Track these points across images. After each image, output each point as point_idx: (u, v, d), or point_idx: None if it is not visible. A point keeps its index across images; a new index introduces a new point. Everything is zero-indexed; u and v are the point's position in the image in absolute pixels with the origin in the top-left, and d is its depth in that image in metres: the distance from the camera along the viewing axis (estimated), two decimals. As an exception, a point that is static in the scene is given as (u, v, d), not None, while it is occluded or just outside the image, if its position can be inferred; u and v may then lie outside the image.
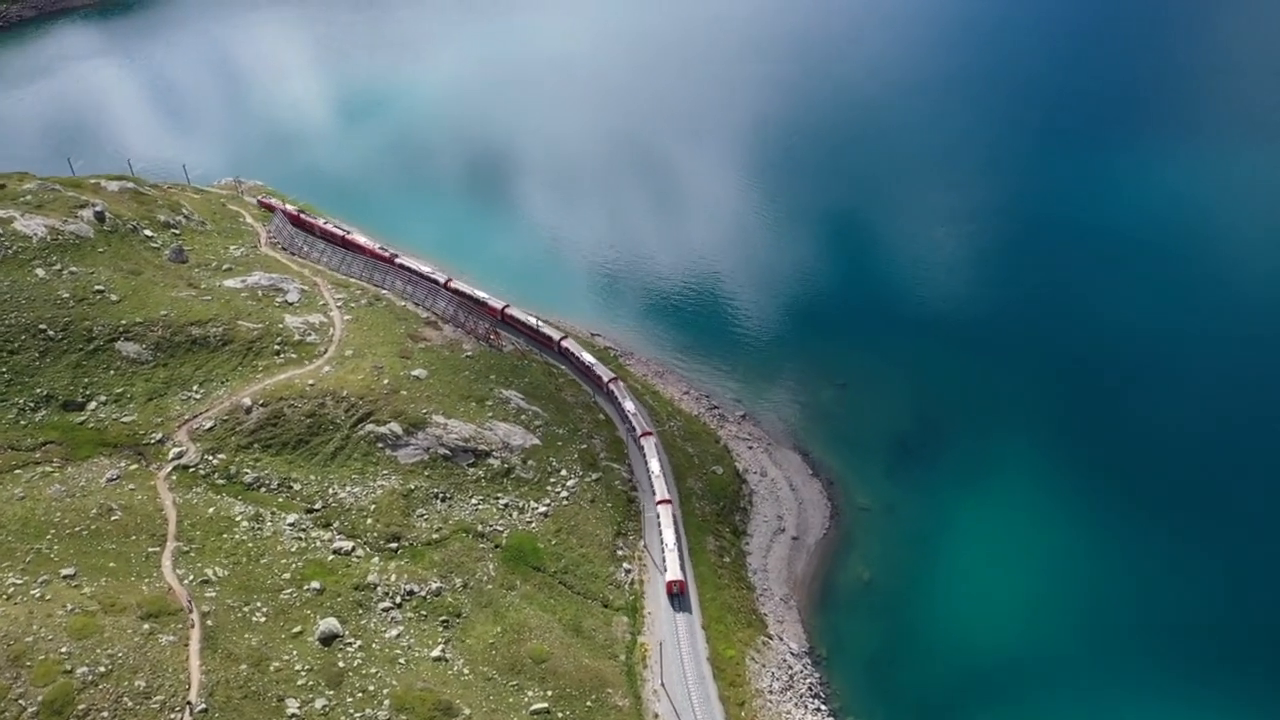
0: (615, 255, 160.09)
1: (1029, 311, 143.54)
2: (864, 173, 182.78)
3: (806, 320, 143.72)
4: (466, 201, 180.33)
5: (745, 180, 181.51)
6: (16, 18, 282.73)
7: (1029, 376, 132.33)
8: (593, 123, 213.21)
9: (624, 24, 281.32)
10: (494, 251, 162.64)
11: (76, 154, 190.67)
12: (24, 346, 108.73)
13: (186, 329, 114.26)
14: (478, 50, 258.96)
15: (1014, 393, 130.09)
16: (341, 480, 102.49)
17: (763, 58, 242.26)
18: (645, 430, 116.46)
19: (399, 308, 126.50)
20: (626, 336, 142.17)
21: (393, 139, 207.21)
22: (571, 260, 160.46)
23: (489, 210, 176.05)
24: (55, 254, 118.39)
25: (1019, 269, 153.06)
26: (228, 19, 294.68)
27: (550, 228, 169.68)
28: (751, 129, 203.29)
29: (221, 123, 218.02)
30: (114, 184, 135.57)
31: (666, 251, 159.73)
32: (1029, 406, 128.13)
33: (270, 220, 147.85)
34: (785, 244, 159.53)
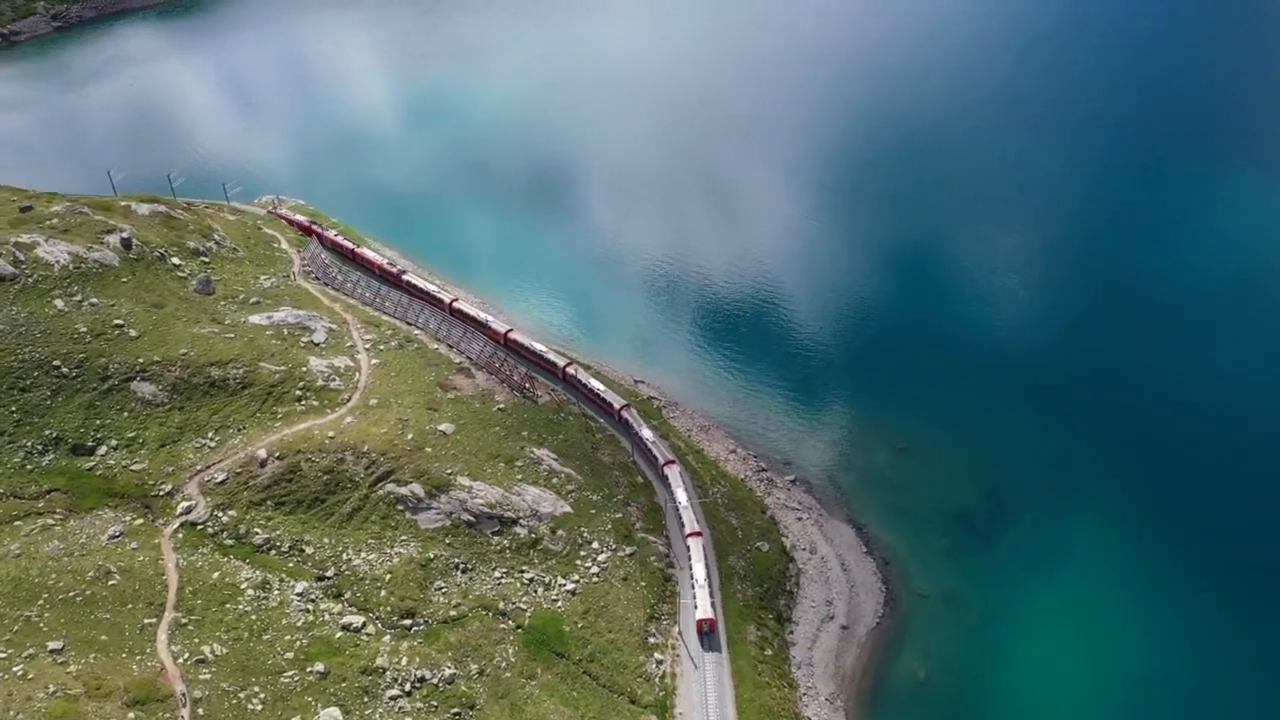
0: (666, 292, 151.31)
1: (1110, 372, 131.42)
2: (931, 206, 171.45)
3: (865, 373, 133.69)
4: (515, 225, 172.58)
5: (803, 212, 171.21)
6: (76, 18, 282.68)
7: (1109, 446, 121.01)
8: (648, 140, 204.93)
9: (686, 35, 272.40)
10: (537, 282, 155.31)
11: (120, 165, 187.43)
12: (36, 384, 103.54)
13: (206, 370, 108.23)
14: (537, 60, 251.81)
15: (1091, 464, 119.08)
16: (357, 545, 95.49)
17: (827, 74, 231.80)
18: (668, 459, 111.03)
19: (431, 351, 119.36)
20: (672, 384, 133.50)
21: (442, 154, 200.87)
22: (621, 296, 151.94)
23: (538, 237, 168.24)
24: (76, 284, 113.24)
25: (1099, 322, 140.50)
26: (283, 22, 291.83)
27: (600, 259, 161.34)
28: (813, 153, 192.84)
29: (268, 134, 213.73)
30: (145, 207, 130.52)
31: (720, 291, 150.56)
32: (1108, 480, 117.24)
33: (305, 247, 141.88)
34: (844, 287, 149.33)
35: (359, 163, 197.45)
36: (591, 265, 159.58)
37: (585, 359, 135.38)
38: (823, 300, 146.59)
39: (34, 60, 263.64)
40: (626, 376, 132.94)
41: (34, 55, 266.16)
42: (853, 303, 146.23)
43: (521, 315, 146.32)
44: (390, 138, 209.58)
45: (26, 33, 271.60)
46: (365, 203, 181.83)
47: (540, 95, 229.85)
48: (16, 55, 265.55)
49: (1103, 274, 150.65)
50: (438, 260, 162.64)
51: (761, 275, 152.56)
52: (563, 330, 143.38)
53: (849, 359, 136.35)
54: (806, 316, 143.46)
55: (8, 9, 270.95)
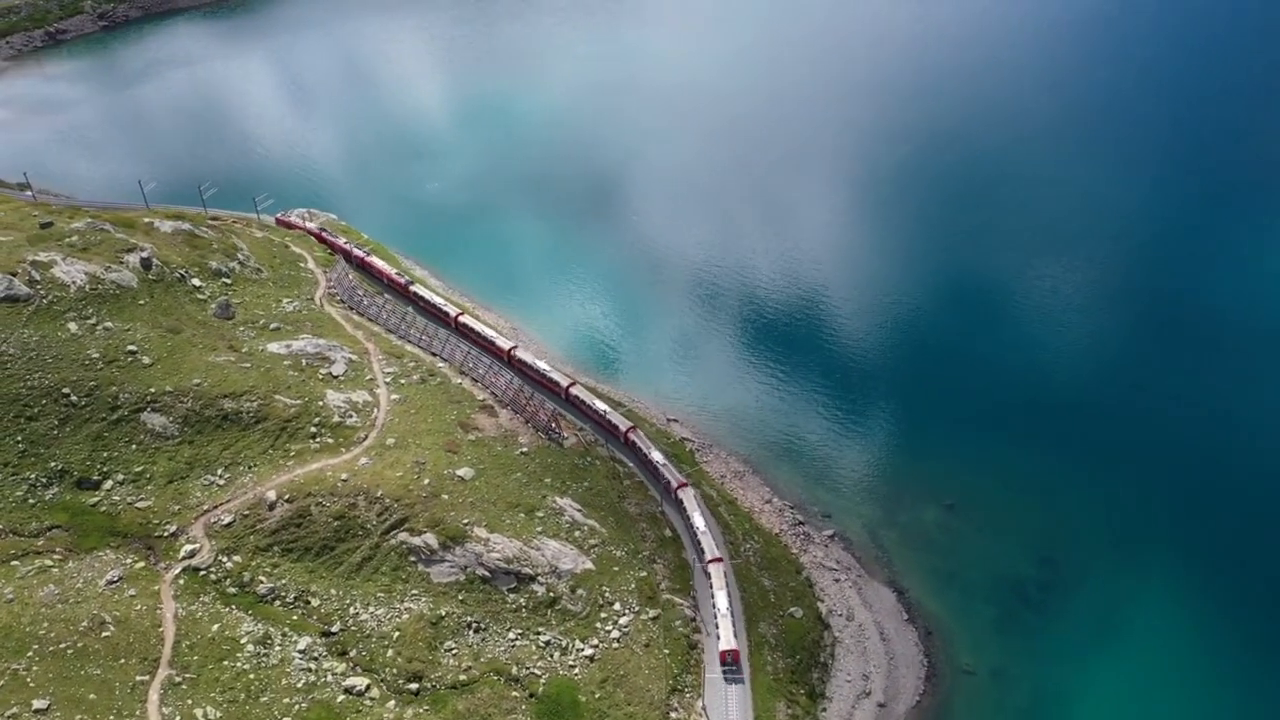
0: (704, 325, 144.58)
1: (1182, 427, 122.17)
2: (989, 237, 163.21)
3: (913, 419, 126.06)
4: (553, 245, 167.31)
5: (854, 241, 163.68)
6: (123, 17, 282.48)
7: (1179, 510, 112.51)
8: (694, 156, 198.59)
9: (737, 43, 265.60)
10: (571, 310, 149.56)
11: (155, 171, 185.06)
12: (44, 412, 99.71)
13: (218, 402, 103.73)
14: (584, 69, 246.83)
15: (1159, 530, 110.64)
16: (365, 598, 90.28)
17: (884, 86, 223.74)
18: (680, 482, 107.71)
19: (454, 386, 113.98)
20: (707, 425, 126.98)
21: (482, 167, 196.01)
22: (658, 328, 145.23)
23: (575, 259, 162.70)
24: (92, 306, 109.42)
25: (1171, 372, 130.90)
26: (328, 26, 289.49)
27: (638, 286, 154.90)
28: (866, 175, 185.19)
29: (304, 143, 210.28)
30: (169, 224, 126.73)
31: (761, 325, 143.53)
32: (1177, 548, 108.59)
33: (332, 267, 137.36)
34: (893, 325, 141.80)
35: (396, 175, 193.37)
36: (629, 293, 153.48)
37: (618, 394, 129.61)
38: (869, 338, 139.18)
39: (79, 59, 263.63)
40: (659, 415, 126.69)
41: (79, 54, 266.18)
42: (902, 342, 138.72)
43: (552, 344, 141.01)
44: (430, 149, 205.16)
45: (73, 31, 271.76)
46: (400, 218, 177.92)
47: (585, 105, 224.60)
48: (63, 54, 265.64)
49: (1177, 319, 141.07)
50: (469, 280, 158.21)
51: (805, 310, 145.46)
52: (595, 363, 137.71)
53: (895, 402, 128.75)
54: (851, 355, 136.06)
55: (55, 7, 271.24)
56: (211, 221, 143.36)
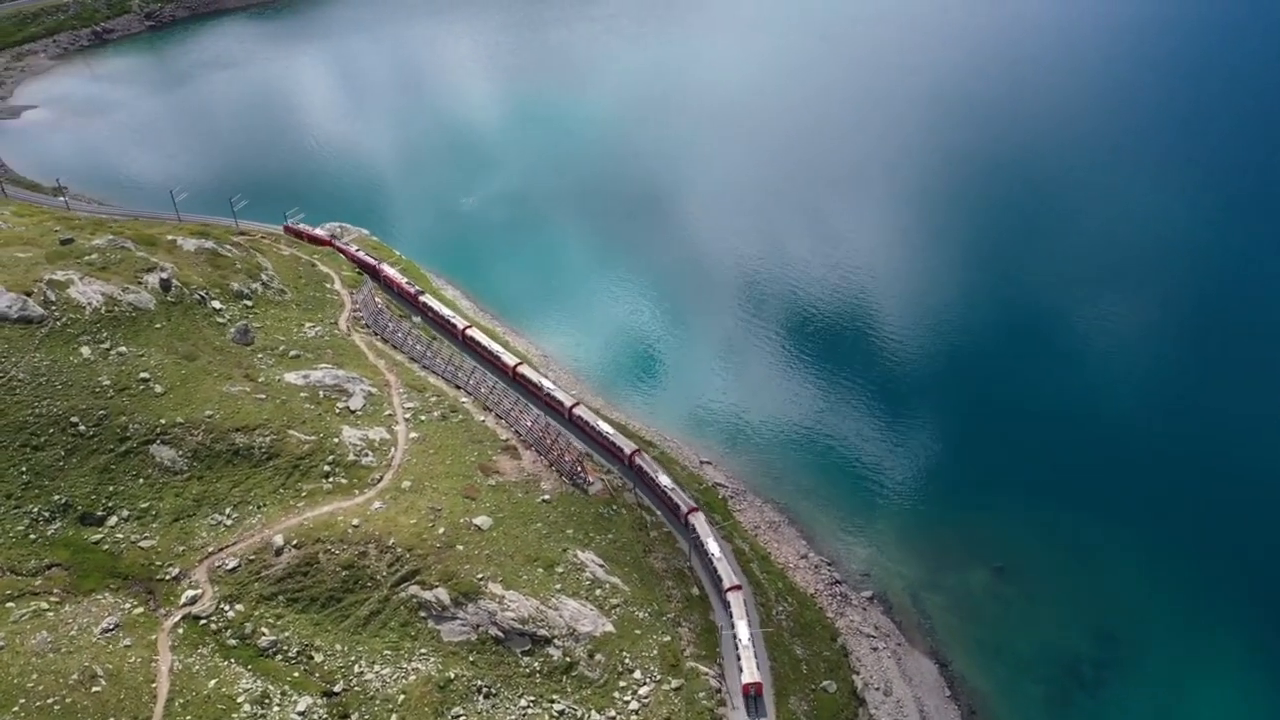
0: (743, 361, 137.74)
1: (1261, 491, 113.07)
2: (1048, 270, 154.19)
3: (963, 471, 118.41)
4: (591, 268, 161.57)
5: (903, 272, 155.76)
6: (170, 17, 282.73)
7: (1256, 586, 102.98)
8: (740, 171, 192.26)
9: (790, 55, 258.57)
10: (606, 340, 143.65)
11: (190, 177, 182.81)
12: (50, 442, 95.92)
13: (230, 436, 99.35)
14: (631, 78, 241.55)
15: (1232, 607, 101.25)
16: (371, 655, 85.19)
17: (939, 104, 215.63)
18: (691, 507, 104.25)
19: (476, 424, 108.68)
20: (742, 469, 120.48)
21: (522, 182, 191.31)
22: (694, 361, 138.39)
23: (614, 283, 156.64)
24: (107, 329, 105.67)
25: (1250, 429, 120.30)
26: (372, 30, 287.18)
27: (674, 315, 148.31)
28: (916, 198, 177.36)
29: (341, 152, 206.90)
30: (192, 242, 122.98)
31: (802, 363, 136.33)
32: (1255, 629, 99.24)
33: (359, 289, 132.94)
34: (944, 367, 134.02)
35: (432, 189, 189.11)
36: (666, 321, 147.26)
37: (649, 432, 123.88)
38: (916, 380, 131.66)
39: (124, 59, 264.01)
40: (692, 457, 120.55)
41: (124, 55, 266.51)
42: (952, 386, 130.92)
43: (585, 374, 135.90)
44: (469, 161, 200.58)
45: (119, 31, 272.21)
46: (434, 235, 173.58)
47: (629, 116, 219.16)
48: (108, 54, 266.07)
49: (1262, 370, 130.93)
50: (501, 302, 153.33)
51: (850, 349, 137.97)
52: (628, 396, 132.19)
53: (943, 450, 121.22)
54: (897, 398, 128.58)
55: (103, 6, 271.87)
56: (239, 237, 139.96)
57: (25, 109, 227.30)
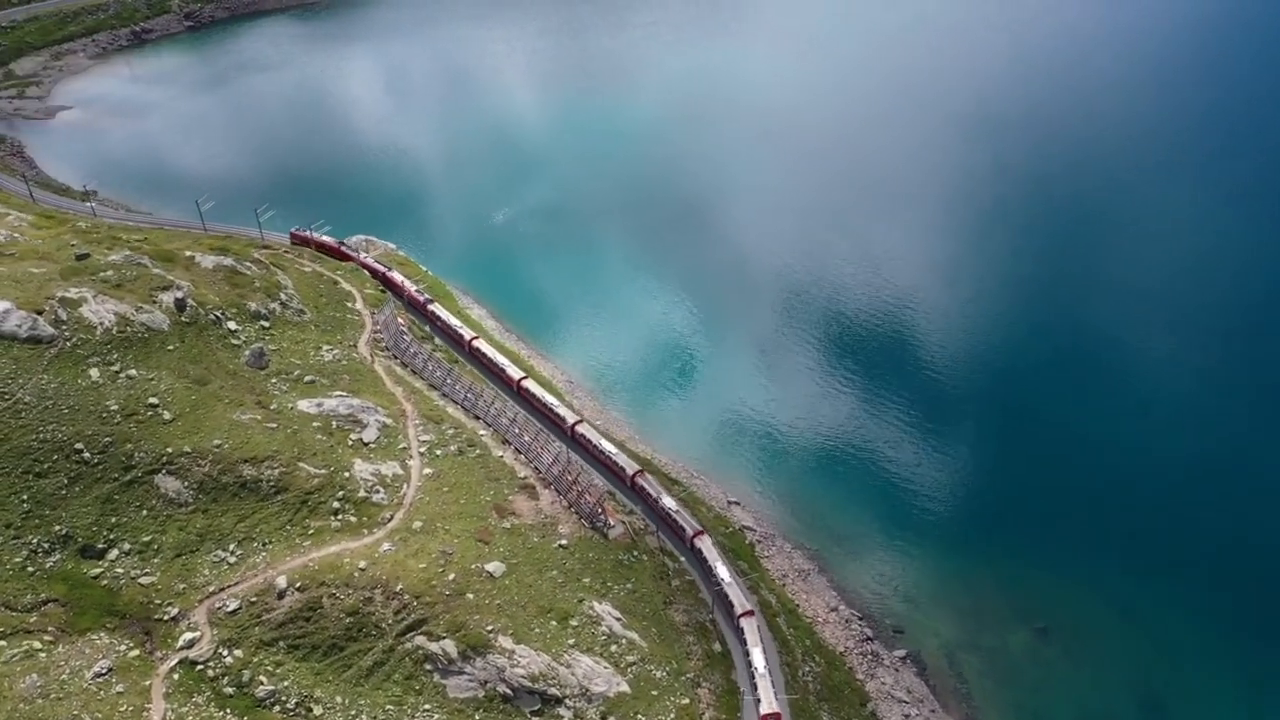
0: (778, 396, 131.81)
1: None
2: (1101, 302, 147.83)
3: (1006, 522, 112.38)
4: (623, 287, 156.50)
5: (951, 303, 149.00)
6: (209, 18, 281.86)
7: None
8: (784, 185, 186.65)
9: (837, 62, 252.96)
10: (636, 366, 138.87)
11: (219, 185, 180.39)
12: (53, 469, 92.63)
13: (238, 467, 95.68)
14: (672, 85, 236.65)
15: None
16: (373, 709, 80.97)
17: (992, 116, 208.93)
18: (696, 530, 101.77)
19: (493, 460, 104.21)
20: (772, 511, 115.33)
21: (559, 194, 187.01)
22: (728, 391, 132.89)
23: (647, 304, 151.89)
24: (117, 351, 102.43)
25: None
26: (411, 35, 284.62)
27: (712, 342, 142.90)
28: (966, 218, 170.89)
29: (372, 160, 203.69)
30: (210, 258, 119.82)
31: (841, 399, 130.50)
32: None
33: (380, 309, 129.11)
34: (985, 409, 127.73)
35: (464, 202, 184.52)
36: (697, 351, 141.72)
37: (675, 468, 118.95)
38: (959, 421, 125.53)
39: (162, 60, 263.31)
40: (720, 496, 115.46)
41: (162, 55, 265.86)
42: (996, 428, 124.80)
43: (613, 404, 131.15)
44: (503, 172, 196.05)
45: (158, 31, 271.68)
46: (464, 250, 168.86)
47: (669, 125, 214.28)
48: (146, 54, 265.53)
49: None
50: (529, 323, 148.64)
51: (890, 384, 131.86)
52: (656, 429, 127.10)
53: (987, 499, 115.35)
54: (938, 440, 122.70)
55: (143, 6, 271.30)
56: (262, 251, 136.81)
57: (61, 109, 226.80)
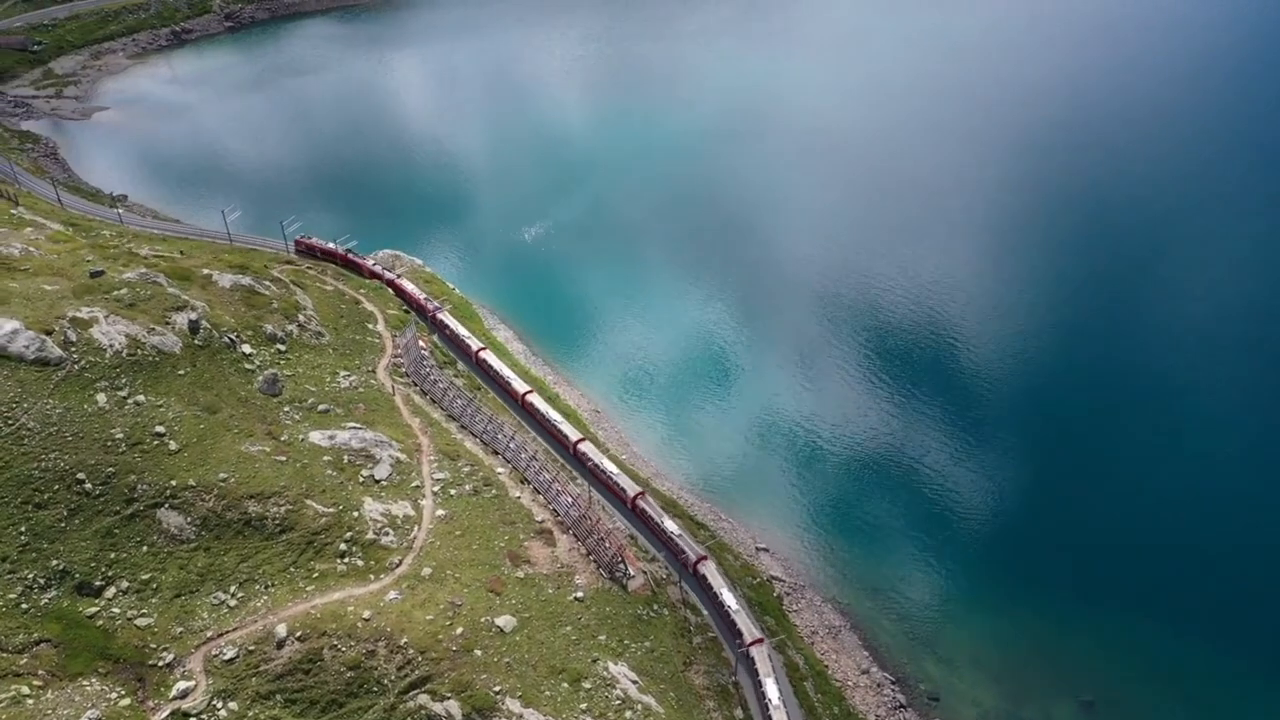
0: (817, 433, 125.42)
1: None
2: (1161, 338, 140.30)
3: (1049, 586, 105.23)
4: (656, 309, 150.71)
5: (990, 332, 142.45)
6: (250, 19, 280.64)
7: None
8: (824, 202, 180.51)
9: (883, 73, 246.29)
10: (668, 391, 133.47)
11: (248, 193, 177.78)
12: (54, 500, 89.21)
13: (244, 503, 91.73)
14: (714, 96, 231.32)
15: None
16: (372, 772, 76.40)
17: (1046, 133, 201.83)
18: (700, 555, 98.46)
19: (510, 502, 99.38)
20: (803, 558, 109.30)
21: (595, 209, 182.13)
22: (763, 425, 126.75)
23: (682, 328, 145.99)
24: (126, 375, 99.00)
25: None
26: (451, 39, 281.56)
27: (750, 371, 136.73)
28: (1020, 244, 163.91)
29: (404, 172, 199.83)
30: (228, 277, 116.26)
31: (880, 442, 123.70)
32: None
33: (402, 332, 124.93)
34: (1034, 460, 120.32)
35: (498, 217, 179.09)
36: (737, 380, 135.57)
37: (701, 508, 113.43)
38: (1007, 471, 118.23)
39: (201, 61, 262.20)
40: (748, 541, 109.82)
41: (201, 56, 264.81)
42: (1047, 477, 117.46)
43: (635, 439, 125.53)
44: (538, 185, 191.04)
45: (198, 31, 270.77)
46: (495, 268, 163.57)
47: (711, 138, 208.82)
48: (185, 54, 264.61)
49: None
50: (558, 349, 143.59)
51: (933, 427, 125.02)
52: (681, 468, 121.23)
53: (1034, 558, 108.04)
54: (983, 490, 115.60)
55: (184, 6, 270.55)
56: (284, 268, 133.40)
57: (97, 109, 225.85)
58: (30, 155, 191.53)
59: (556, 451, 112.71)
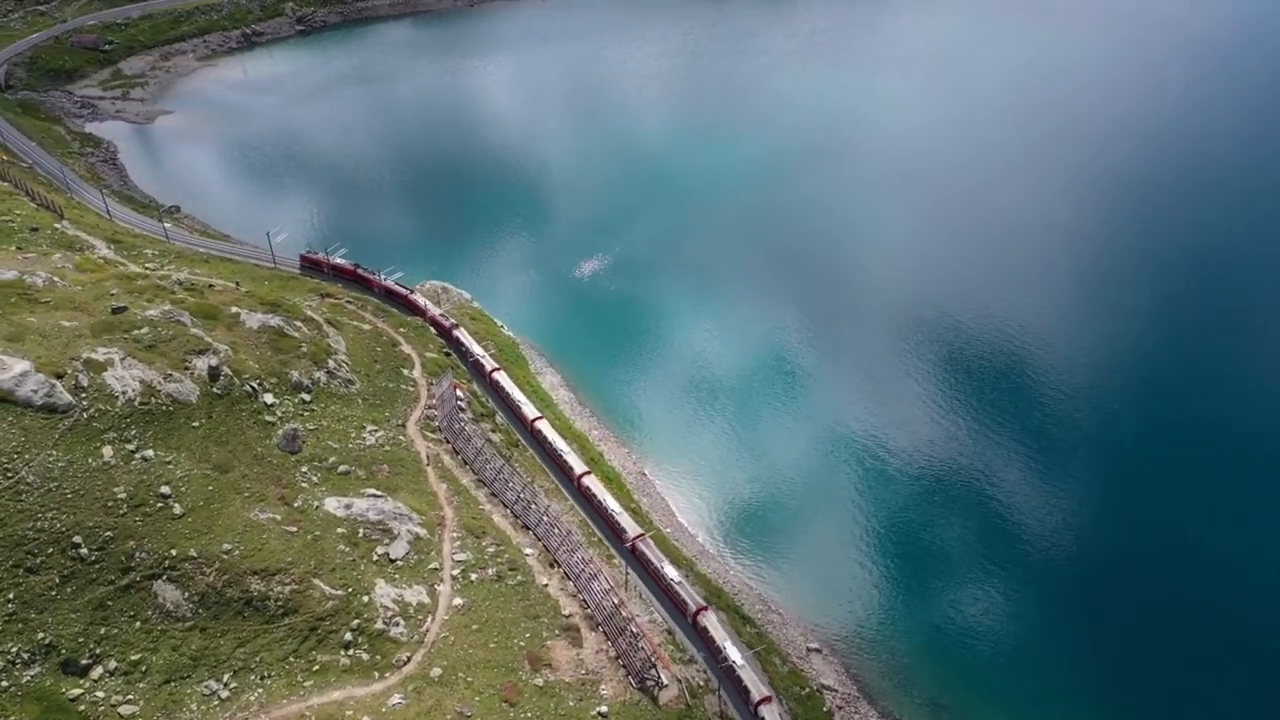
0: (886, 518, 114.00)
1: None
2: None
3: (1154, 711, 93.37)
4: (720, 359, 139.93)
5: (1094, 415, 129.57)
6: (321, 23, 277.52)
7: None
8: (923, 242, 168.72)
9: (985, 97, 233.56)
10: (721, 453, 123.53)
11: (296, 211, 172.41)
12: (46, 565, 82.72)
13: (246, 580, 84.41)
14: (798, 119, 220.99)
15: None
16: None
17: (1175, 179, 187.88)
18: (700, 605, 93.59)
19: (536, 590, 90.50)
20: (858, 663, 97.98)
21: (663, 241, 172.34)
22: (827, 507, 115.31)
23: (747, 378, 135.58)
24: (137, 426, 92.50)
25: None
26: (522, 50, 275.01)
27: (808, 445, 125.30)
28: (1134, 308, 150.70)
29: (464, 194, 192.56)
30: (256, 317, 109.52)
31: (955, 533, 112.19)
32: None
33: (439, 378, 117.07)
34: (1140, 553, 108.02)
35: (560, 249, 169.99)
36: (799, 454, 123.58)
37: (749, 600, 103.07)
38: (1104, 571, 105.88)
39: (269, 65, 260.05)
40: (798, 640, 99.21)
41: (269, 60, 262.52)
42: (1152, 578, 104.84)
43: (685, 510, 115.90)
44: (607, 216, 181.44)
45: (269, 35, 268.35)
46: (548, 306, 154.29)
47: (797, 165, 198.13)
48: (255, 58, 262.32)
49: None
50: (608, 401, 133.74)
51: (1022, 523, 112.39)
52: (734, 548, 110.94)
53: (1127, 684, 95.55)
54: (1071, 605, 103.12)
55: (256, 8, 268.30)
56: (322, 301, 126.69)
57: (161, 113, 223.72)
58: (88, 161, 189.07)
59: (558, 481, 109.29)
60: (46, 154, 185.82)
